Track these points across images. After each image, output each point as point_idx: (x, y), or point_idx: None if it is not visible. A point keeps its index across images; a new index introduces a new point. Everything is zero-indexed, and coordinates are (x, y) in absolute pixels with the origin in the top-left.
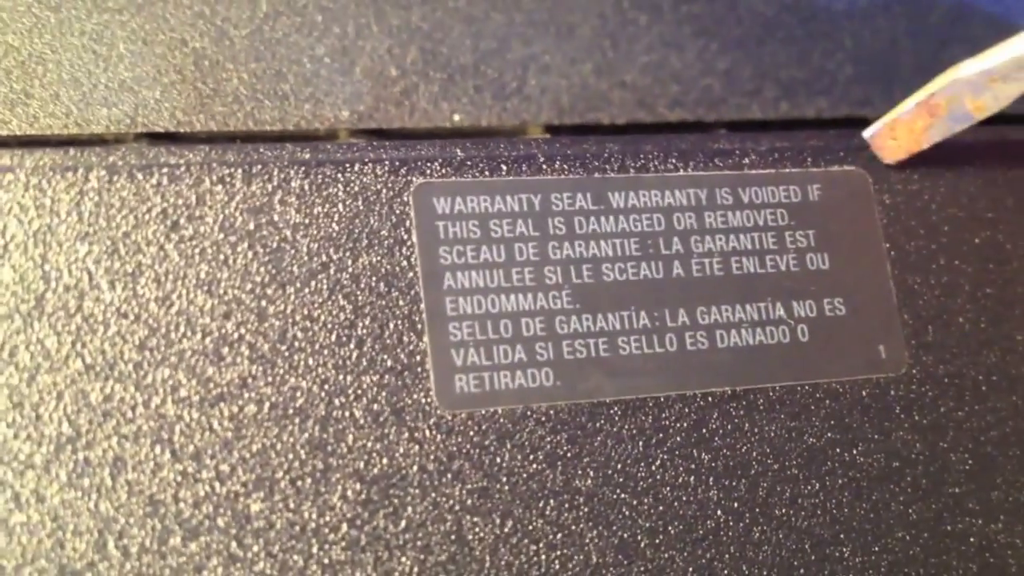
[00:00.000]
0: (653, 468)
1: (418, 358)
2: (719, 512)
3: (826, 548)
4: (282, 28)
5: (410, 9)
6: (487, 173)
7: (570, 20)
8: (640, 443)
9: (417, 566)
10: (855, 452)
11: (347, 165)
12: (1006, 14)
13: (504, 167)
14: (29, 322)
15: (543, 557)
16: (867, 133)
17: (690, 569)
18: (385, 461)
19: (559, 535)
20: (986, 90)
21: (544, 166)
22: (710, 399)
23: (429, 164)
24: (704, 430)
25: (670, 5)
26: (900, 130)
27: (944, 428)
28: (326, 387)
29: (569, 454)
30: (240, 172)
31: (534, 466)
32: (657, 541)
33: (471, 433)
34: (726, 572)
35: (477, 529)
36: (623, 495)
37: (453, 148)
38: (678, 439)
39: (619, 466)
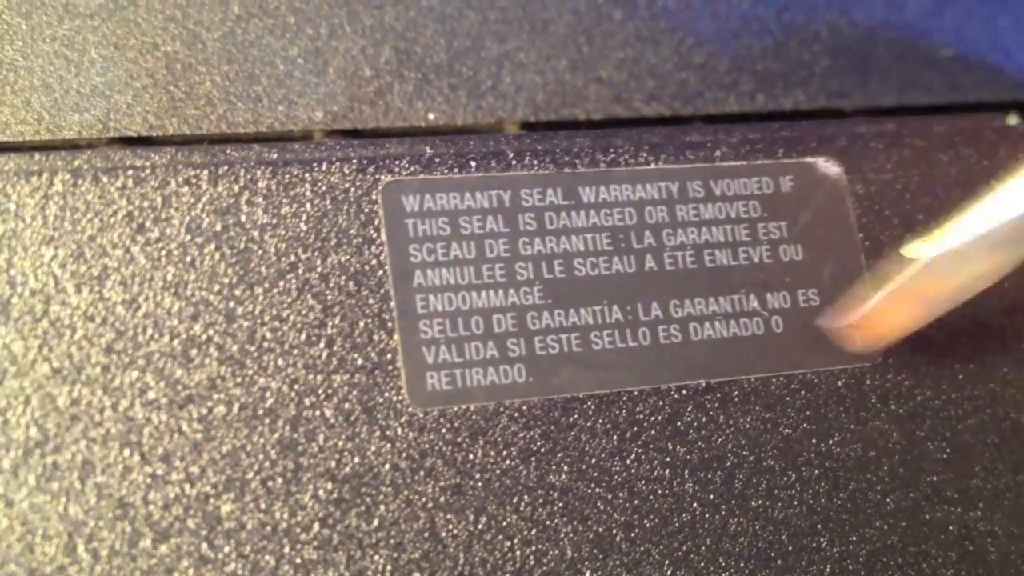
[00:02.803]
0: (628, 462)
1: (389, 356)
2: (695, 505)
3: (803, 539)
4: (254, 30)
5: (383, 9)
6: (456, 170)
7: (544, 16)
8: (614, 437)
9: (390, 564)
10: (831, 442)
11: (314, 164)
12: (983, 5)
13: (473, 163)
14: None
15: (518, 553)
16: (822, 322)
17: (666, 562)
18: (357, 460)
19: (534, 531)
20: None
21: (514, 162)
22: (684, 392)
23: (397, 162)
24: (679, 423)
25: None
26: (875, 320)
27: (921, 417)
28: (296, 387)
29: (543, 449)
30: (206, 173)
31: (507, 462)
32: (633, 535)
33: (443, 430)
34: (702, 565)
35: (451, 526)
36: (598, 489)
37: (421, 145)
38: (653, 432)
39: (593, 460)
